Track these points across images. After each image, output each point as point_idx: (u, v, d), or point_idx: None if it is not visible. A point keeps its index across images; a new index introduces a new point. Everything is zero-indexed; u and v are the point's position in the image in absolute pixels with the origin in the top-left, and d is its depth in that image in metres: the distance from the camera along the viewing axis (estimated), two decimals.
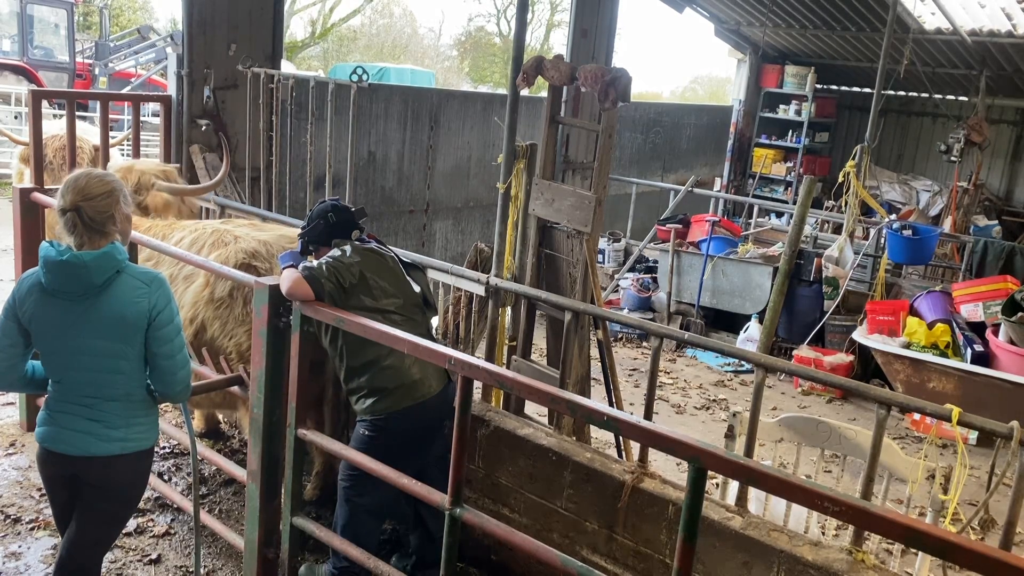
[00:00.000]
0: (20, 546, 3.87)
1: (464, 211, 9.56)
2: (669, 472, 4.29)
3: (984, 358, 6.36)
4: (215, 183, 5.52)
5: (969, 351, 6.41)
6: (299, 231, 3.74)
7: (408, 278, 3.67)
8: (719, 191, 12.63)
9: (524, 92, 4.55)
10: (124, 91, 13.43)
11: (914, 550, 3.03)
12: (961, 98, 12.64)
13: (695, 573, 2.40)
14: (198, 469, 3.86)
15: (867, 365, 7.18)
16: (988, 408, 5.16)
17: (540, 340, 5.24)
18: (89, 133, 6.70)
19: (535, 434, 3.76)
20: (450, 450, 2.72)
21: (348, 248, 3.50)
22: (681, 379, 7.35)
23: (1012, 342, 6.23)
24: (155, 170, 5.15)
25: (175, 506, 4.23)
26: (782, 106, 13.28)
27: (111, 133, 6.32)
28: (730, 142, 13.43)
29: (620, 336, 8.21)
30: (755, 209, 10.53)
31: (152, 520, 4.17)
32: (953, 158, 10.20)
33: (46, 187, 4.83)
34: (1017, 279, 7.09)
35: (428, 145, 8.96)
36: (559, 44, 31.67)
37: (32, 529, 4.00)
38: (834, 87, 13.95)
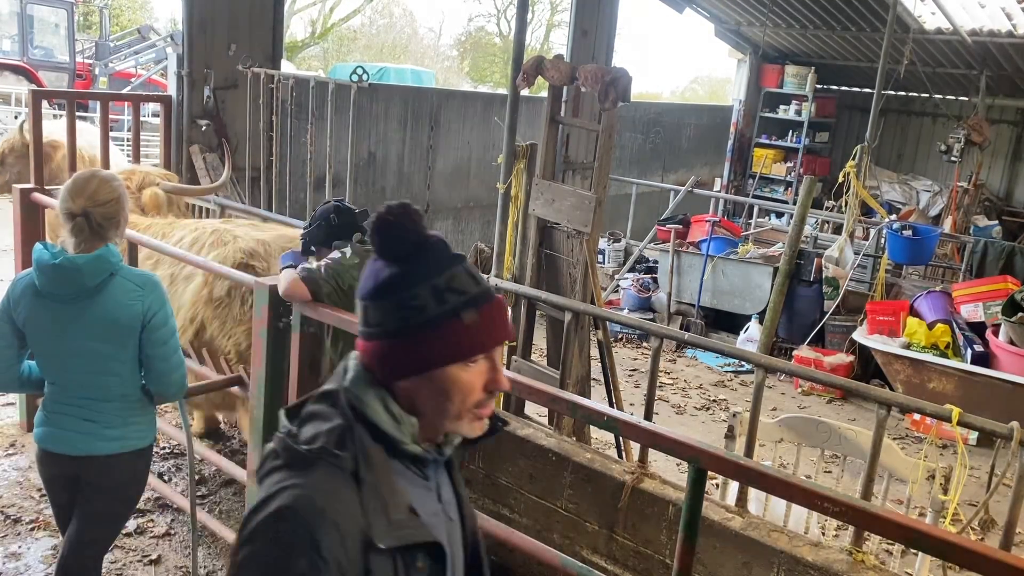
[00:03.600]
0: (20, 546, 3.87)
1: (464, 211, 9.56)
2: (669, 472, 4.29)
3: (984, 358, 6.35)
4: (218, 185, 5.52)
5: (969, 351, 6.41)
6: (301, 231, 3.74)
7: None
8: (719, 191, 12.63)
9: (524, 92, 4.55)
10: (124, 91, 13.42)
11: (914, 550, 3.03)
12: (961, 98, 12.64)
13: (695, 573, 2.40)
14: (195, 469, 3.86)
15: (867, 365, 7.18)
16: (988, 408, 5.16)
17: (540, 340, 5.24)
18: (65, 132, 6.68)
19: (535, 434, 3.76)
20: None
21: (348, 250, 3.50)
22: (681, 379, 7.35)
23: (1012, 342, 6.23)
24: (159, 173, 5.18)
25: (175, 506, 4.22)
26: (782, 106, 13.28)
27: (111, 134, 6.32)
28: (730, 142, 13.43)
29: (620, 336, 8.21)
30: (755, 209, 10.53)
31: (152, 520, 4.17)
32: (953, 158, 10.21)
33: (46, 187, 4.84)
34: (1017, 279, 7.09)
35: (428, 145, 8.96)
36: (559, 44, 31.65)
37: (32, 529, 4.00)
38: (834, 87, 13.95)
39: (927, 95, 12.87)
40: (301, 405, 1.45)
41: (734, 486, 3.54)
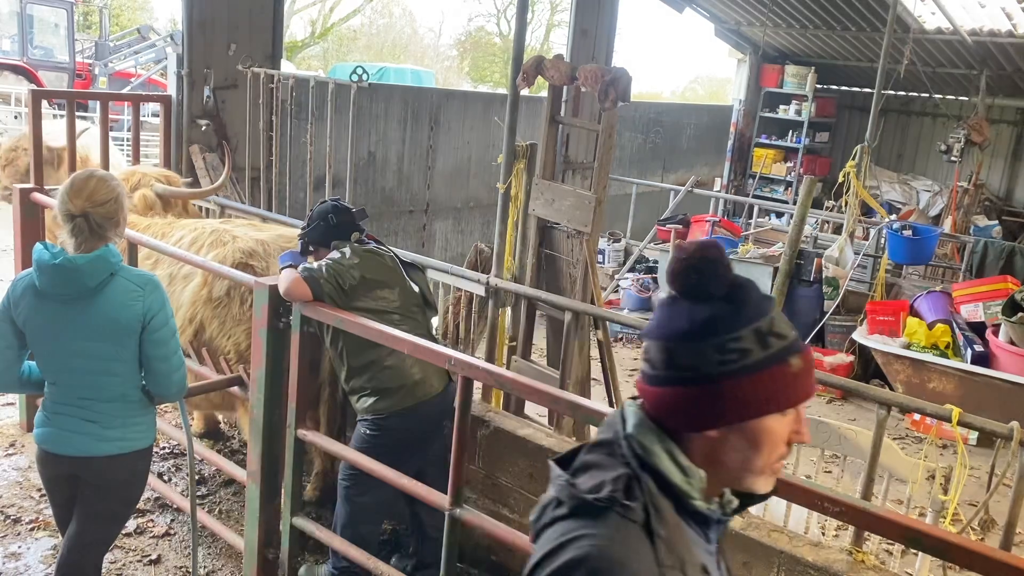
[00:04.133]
0: (20, 546, 3.86)
1: (464, 211, 9.56)
2: None
3: (984, 358, 6.35)
4: (215, 187, 5.51)
5: (969, 351, 6.41)
6: (299, 231, 3.74)
7: (407, 278, 3.67)
8: (719, 191, 12.63)
9: (524, 92, 4.54)
10: (124, 91, 13.41)
11: (914, 550, 3.03)
12: (961, 98, 12.64)
13: None
14: (195, 469, 3.86)
15: (867, 365, 7.17)
16: (988, 408, 5.15)
17: (540, 340, 5.24)
18: (51, 134, 6.67)
19: (535, 434, 3.75)
20: (450, 450, 2.71)
21: (347, 250, 3.50)
22: None
23: (1012, 342, 6.23)
24: (157, 174, 5.17)
25: (175, 506, 4.22)
26: (782, 106, 13.28)
27: (112, 134, 6.31)
28: (730, 142, 13.43)
29: (620, 336, 8.21)
30: (755, 209, 10.53)
31: (152, 520, 4.17)
32: (953, 158, 10.21)
33: (45, 187, 4.83)
34: (1017, 279, 7.09)
35: (428, 145, 8.96)
36: (559, 44, 31.62)
37: (32, 529, 4.00)
38: (834, 87, 13.95)
39: (927, 95, 12.86)
40: (572, 456, 1.35)
41: None
